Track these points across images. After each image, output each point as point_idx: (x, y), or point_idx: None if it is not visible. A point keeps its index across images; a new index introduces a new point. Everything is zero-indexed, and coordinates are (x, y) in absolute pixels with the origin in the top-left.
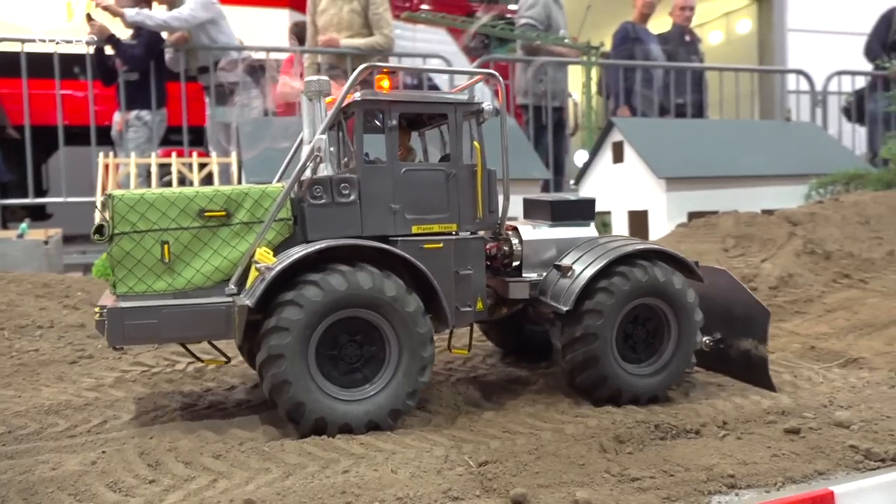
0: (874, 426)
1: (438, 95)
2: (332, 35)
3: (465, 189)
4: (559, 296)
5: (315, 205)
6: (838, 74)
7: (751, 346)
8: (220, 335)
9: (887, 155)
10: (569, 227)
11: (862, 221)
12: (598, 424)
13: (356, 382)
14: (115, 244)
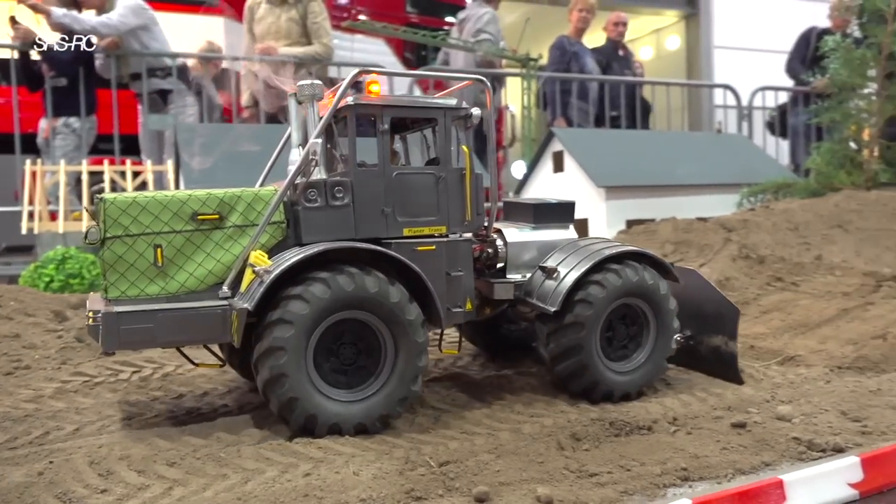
0: (814, 419)
1: (429, 100)
2: (269, 43)
3: (454, 192)
4: (546, 297)
5: (310, 208)
6: (762, 90)
7: (721, 343)
8: (216, 339)
9: (812, 165)
10: (550, 230)
11: (791, 228)
12: (555, 423)
13: (349, 384)
14: (107, 248)
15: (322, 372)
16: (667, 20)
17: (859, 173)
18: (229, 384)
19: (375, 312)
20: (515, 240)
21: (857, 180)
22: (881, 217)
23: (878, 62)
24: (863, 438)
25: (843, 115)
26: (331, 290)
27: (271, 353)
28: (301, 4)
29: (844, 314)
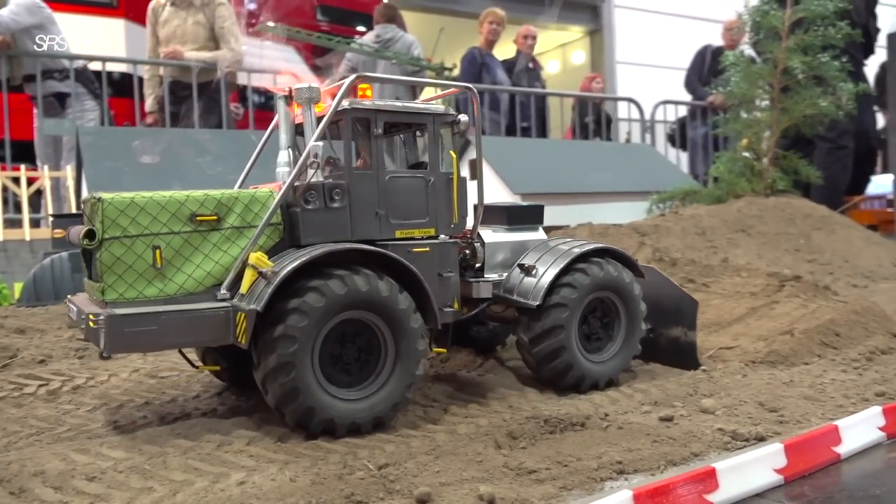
0: (735, 411)
1: (419, 106)
2: (175, 47)
3: (442, 195)
4: (527, 293)
5: (309, 210)
6: (663, 104)
7: (680, 333)
8: (219, 340)
9: (715, 173)
10: (522, 231)
11: (699, 232)
12: (490, 423)
13: (356, 381)
14: (105, 249)
15: (329, 375)
16: (572, 35)
17: (759, 181)
18: (146, 395)
19: (370, 308)
20: (492, 240)
21: (757, 187)
22: (780, 222)
23: (773, 76)
24: (781, 427)
25: (743, 126)
26: (325, 298)
27: (281, 369)
28: (208, 8)
29: (753, 312)
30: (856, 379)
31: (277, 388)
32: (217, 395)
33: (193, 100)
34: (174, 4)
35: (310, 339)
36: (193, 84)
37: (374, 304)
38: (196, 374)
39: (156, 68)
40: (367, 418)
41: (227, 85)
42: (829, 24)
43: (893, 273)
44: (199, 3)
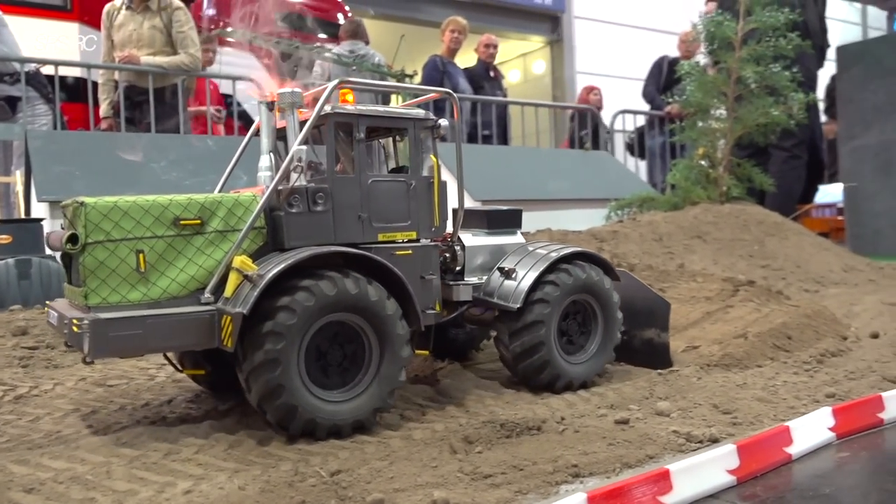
0: (689, 413)
1: (400, 111)
2: (132, 52)
3: (423, 199)
4: (508, 296)
5: (293, 213)
6: (622, 113)
7: (654, 335)
8: (204, 344)
9: (672, 181)
10: (501, 235)
11: (656, 238)
12: (446, 428)
13: (339, 384)
14: (88, 254)
15: (313, 376)
16: (533, 45)
17: (714, 188)
18: (93, 404)
19: (357, 312)
20: (473, 244)
21: (713, 195)
22: (734, 228)
23: (727, 86)
24: (734, 429)
25: (699, 134)
26: (315, 297)
27: (267, 366)
28: (165, 13)
29: (708, 317)
30: (807, 381)
31: (262, 384)
32: (167, 404)
33: (150, 105)
34: (129, 8)
35: (297, 337)
36: (150, 89)
37: (362, 308)
38: (145, 382)
39: (110, 73)
40: (348, 421)
41: (184, 90)
42: (781, 36)
43: (843, 278)
44: (155, 7)
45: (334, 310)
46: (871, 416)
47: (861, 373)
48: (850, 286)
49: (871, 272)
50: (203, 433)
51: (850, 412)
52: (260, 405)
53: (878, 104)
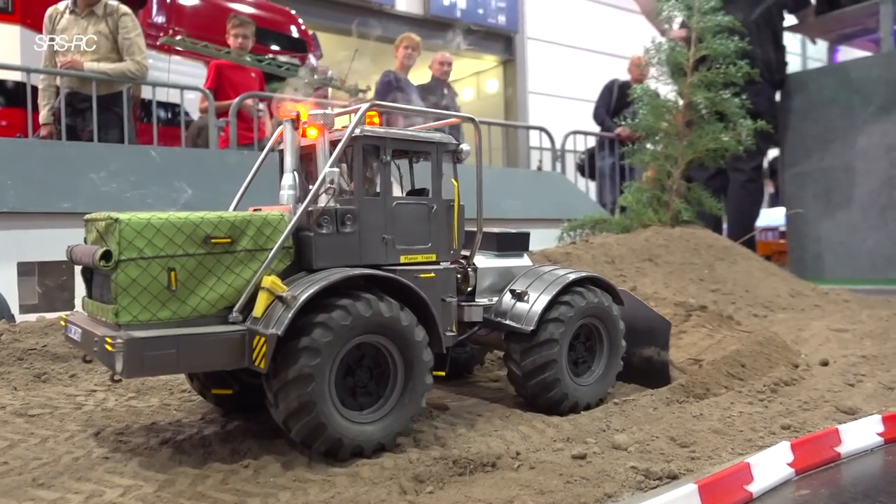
0: (647, 447)
1: (424, 135)
2: (74, 57)
3: (444, 222)
4: (521, 318)
5: (322, 234)
6: (573, 133)
7: (653, 353)
8: (234, 363)
9: (624, 203)
10: (510, 258)
11: (608, 261)
12: (395, 465)
13: (364, 406)
14: (121, 271)
15: (340, 396)
16: (486, 64)
17: (665, 211)
18: (11, 437)
19: (388, 335)
20: (484, 266)
21: (664, 217)
22: (685, 251)
23: (678, 111)
24: (693, 464)
25: (651, 157)
26: (352, 317)
27: (301, 381)
28: (111, 18)
29: None
30: (762, 411)
31: (294, 399)
32: (94, 437)
33: (93, 112)
34: (73, 12)
35: (331, 355)
36: (93, 96)
37: (393, 332)
38: (72, 411)
39: (52, 78)
40: (371, 443)
41: (129, 98)
42: (731, 63)
43: (790, 303)
44: (101, 13)
45: (366, 331)
46: (828, 451)
47: (815, 403)
48: (798, 311)
49: (817, 297)
50: (131, 472)
51: (808, 446)
52: (286, 421)
53: (818, 132)
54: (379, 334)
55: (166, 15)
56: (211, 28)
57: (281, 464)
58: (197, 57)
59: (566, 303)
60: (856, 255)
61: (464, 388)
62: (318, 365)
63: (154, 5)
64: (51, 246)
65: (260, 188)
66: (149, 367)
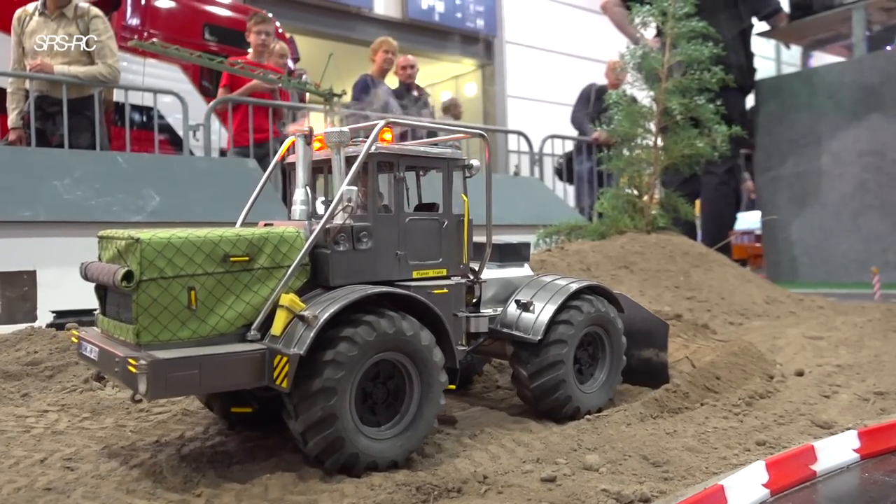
0: (619, 467)
1: (435, 151)
2: (44, 60)
3: (454, 237)
4: (528, 328)
5: (339, 251)
6: (551, 138)
7: (652, 355)
8: (255, 382)
9: (600, 209)
10: (512, 268)
11: (584, 268)
12: (356, 492)
13: (380, 422)
14: (142, 291)
15: (358, 411)
16: (465, 68)
17: (640, 217)
18: None
19: (407, 353)
20: (488, 277)
21: (639, 224)
22: (660, 258)
23: (654, 116)
24: (665, 485)
25: (626, 163)
26: (376, 333)
27: (324, 393)
28: (82, 20)
29: None
30: (737, 426)
31: (316, 411)
32: (40, 463)
33: (63, 117)
34: (43, 14)
35: (354, 369)
36: (63, 100)
37: (412, 350)
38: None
39: (20, 81)
40: (386, 459)
41: (101, 102)
42: (705, 69)
43: (766, 310)
44: (71, 15)
45: (387, 348)
46: (803, 469)
47: (790, 416)
48: (773, 318)
49: (792, 304)
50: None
51: (783, 465)
52: (304, 433)
53: (793, 137)
54: (399, 352)
55: (140, 17)
56: (186, 31)
57: (233, 495)
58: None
59: (571, 312)
60: (829, 258)
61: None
62: (342, 379)
63: (129, 8)
64: (12, 255)
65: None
66: (172, 388)
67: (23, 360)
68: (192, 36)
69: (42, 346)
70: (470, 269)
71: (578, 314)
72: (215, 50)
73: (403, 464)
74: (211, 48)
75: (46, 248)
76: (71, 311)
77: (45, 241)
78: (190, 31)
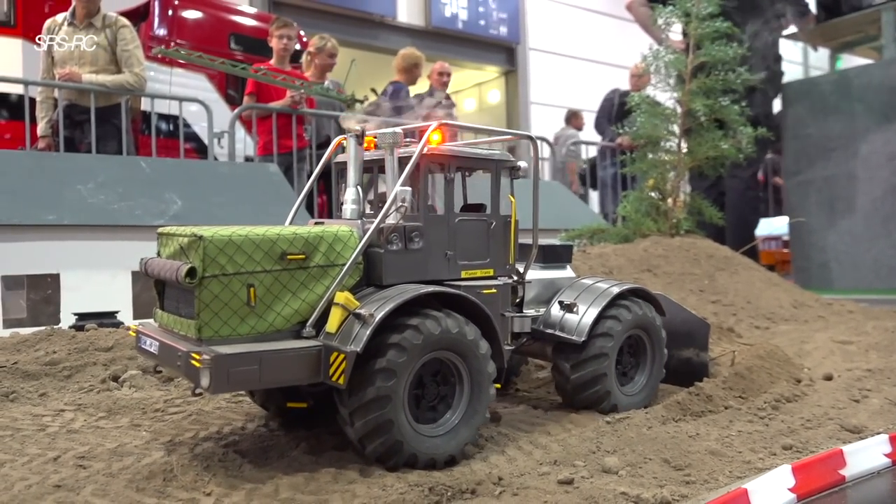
0: (639, 470)
1: (484, 152)
2: (73, 69)
3: (501, 237)
4: (572, 329)
5: (392, 251)
6: (575, 144)
7: (692, 354)
8: (310, 378)
9: (623, 212)
10: (554, 269)
11: (606, 271)
12: (368, 493)
13: (433, 419)
14: (205, 287)
15: (412, 411)
16: (488, 75)
17: (664, 221)
18: None
19: (455, 350)
20: (532, 278)
21: (663, 227)
22: (684, 262)
23: (677, 118)
24: (687, 489)
25: (650, 165)
26: (423, 336)
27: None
28: (110, 30)
29: None
30: (762, 430)
31: (372, 420)
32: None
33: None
34: (72, 24)
35: (405, 374)
36: (91, 108)
37: (460, 347)
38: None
39: (50, 90)
40: (443, 455)
41: (128, 110)
42: (730, 70)
43: (793, 314)
44: (99, 25)
45: (436, 348)
46: (832, 474)
47: (818, 420)
48: (801, 322)
49: (820, 308)
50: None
51: (810, 469)
52: (362, 440)
53: (821, 140)
54: (447, 349)
55: (168, 28)
56: (212, 40)
57: (246, 492)
58: (198, 69)
59: (614, 315)
60: (860, 264)
61: None
62: (394, 385)
63: (156, 18)
64: (36, 259)
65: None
66: (234, 382)
67: (42, 360)
68: (219, 45)
69: (61, 347)
70: (515, 270)
71: (622, 318)
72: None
73: (461, 457)
74: (237, 57)
75: (70, 252)
76: (93, 314)
77: (68, 245)
78: (216, 41)
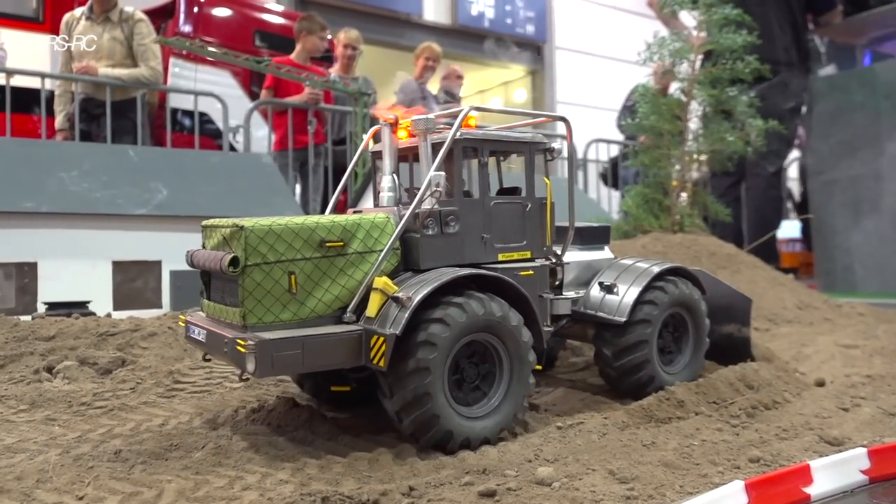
0: (576, 482)
1: (518, 135)
2: (90, 62)
3: (537, 220)
4: (612, 310)
5: (428, 236)
6: (595, 142)
7: (734, 330)
8: (352, 362)
9: (625, 207)
10: (592, 251)
11: None
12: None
13: (473, 401)
14: (248, 276)
15: (451, 390)
16: (514, 74)
17: (666, 217)
18: None
19: (497, 334)
20: (570, 260)
21: (665, 223)
22: (685, 259)
23: (681, 109)
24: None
25: (652, 159)
26: (466, 315)
27: (418, 373)
28: (127, 24)
29: None
30: (730, 440)
31: (410, 391)
32: None
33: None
34: (90, 18)
35: (447, 350)
36: (107, 102)
37: (502, 330)
38: None
39: (67, 84)
40: (479, 437)
41: (144, 104)
42: (738, 58)
43: (797, 316)
44: (116, 19)
45: (478, 329)
46: (794, 492)
47: (795, 430)
48: (804, 325)
49: (828, 310)
50: None
51: (768, 487)
52: (399, 412)
53: (847, 139)
54: (489, 332)
55: (193, 25)
56: (238, 37)
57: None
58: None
59: (655, 294)
60: (886, 267)
61: None
62: (435, 359)
63: (182, 15)
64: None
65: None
66: (278, 366)
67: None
68: (244, 42)
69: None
70: (552, 252)
71: (662, 296)
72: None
73: (496, 441)
74: (262, 54)
75: (48, 240)
76: (63, 303)
77: (46, 233)
78: (241, 38)
